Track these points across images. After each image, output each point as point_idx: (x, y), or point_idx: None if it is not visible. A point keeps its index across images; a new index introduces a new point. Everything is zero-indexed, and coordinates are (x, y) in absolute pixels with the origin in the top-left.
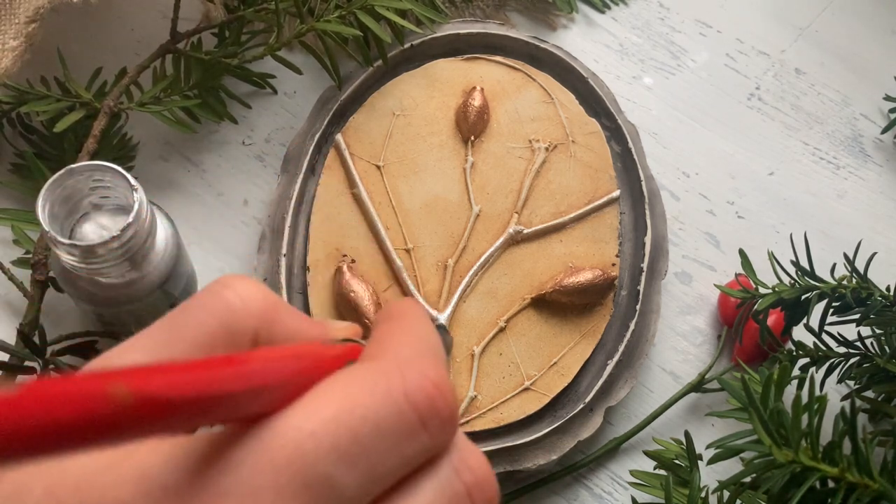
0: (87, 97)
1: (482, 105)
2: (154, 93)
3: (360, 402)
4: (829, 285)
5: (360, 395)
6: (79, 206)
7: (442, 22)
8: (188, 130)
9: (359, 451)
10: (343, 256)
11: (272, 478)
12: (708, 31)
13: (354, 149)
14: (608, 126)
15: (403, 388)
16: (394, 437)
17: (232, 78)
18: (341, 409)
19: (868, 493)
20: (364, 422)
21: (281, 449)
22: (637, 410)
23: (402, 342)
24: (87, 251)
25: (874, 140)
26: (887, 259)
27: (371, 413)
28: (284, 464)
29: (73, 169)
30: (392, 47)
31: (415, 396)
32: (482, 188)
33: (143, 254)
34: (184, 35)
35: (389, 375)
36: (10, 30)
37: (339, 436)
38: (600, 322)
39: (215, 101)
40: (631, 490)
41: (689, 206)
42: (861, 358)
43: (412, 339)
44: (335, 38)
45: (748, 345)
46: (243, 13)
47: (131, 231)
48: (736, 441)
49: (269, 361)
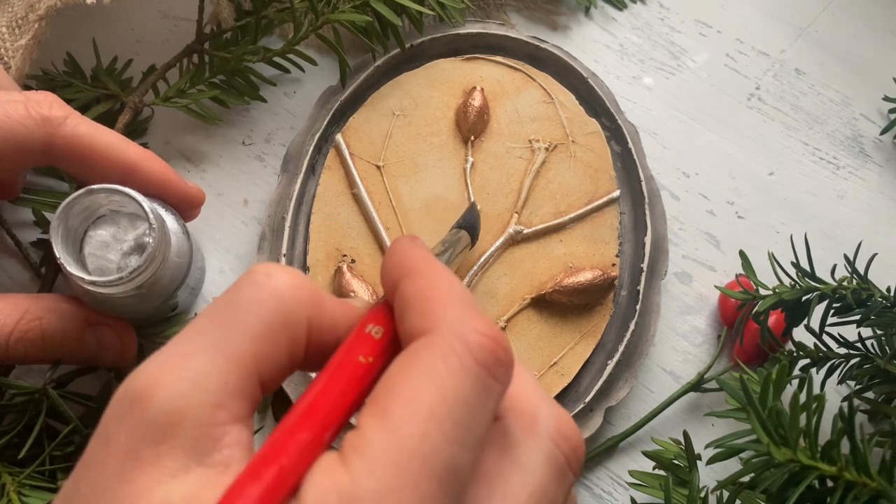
0: (115, 90)
1: (482, 105)
2: (180, 85)
3: (445, 385)
4: (830, 286)
5: (442, 379)
6: (94, 213)
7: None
8: (213, 121)
9: (463, 430)
10: (343, 256)
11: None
12: (708, 31)
13: (354, 149)
14: (608, 126)
15: (471, 355)
16: (481, 401)
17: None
18: (434, 401)
19: (866, 492)
20: (456, 403)
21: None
22: (637, 410)
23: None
24: (96, 284)
25: (874, 140)
26: (888, 259)
27: (458, 392)
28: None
29: (92, 189)
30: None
31: (481, 357)
32: (482, 188)
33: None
34: (209, 35)
35: (454, 347)
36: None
37: (445, 427)
38: (600, 322)
39: (243, 83)
40: (630, 490)
41: (689, 206)
42: (861, 359)
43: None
44: (350, 27)
45: (748, 345)
46: (266, 13)
47: (142, 271)
48: (735, 441)
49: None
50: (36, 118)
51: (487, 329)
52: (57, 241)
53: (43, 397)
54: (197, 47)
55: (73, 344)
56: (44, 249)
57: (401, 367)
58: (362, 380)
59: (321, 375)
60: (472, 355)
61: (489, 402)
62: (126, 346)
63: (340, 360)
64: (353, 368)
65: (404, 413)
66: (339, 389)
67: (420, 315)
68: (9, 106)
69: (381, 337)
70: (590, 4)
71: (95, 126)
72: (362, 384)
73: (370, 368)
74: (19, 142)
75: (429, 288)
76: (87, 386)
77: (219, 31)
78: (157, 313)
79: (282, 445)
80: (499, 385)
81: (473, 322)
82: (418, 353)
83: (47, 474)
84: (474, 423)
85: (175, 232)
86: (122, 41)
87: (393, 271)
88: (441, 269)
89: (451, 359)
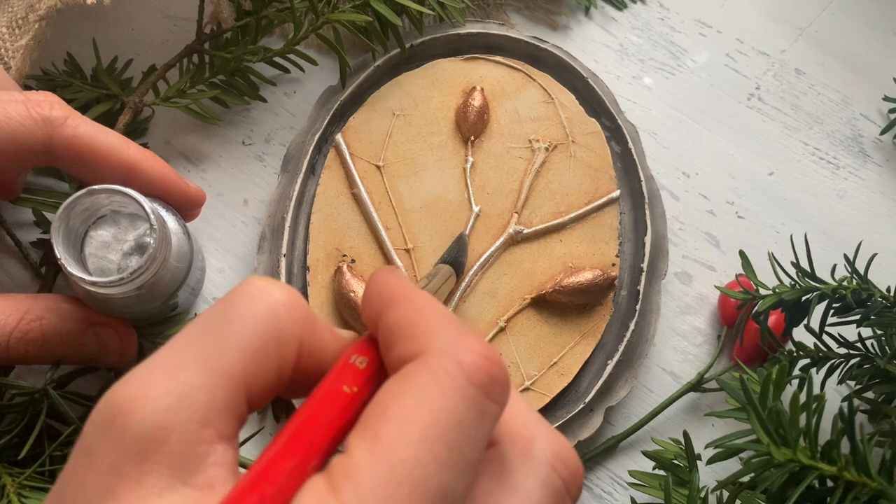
0: (115, 90)
1: (482, 105)
2: (180, 85)
3: (438, 407)
4: (830, 286)
5: (435, 401)
6: (95, 214)
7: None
8: (213, 121)
9: (456, 454)
10: (343, 256)
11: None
12: (708, 31)
13: (354, 149)
14: (608, 126)
15: (464, 375)
16: (475, 424)
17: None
18: (426, 424)
19: (866, 492)
20: (450, 426)
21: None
22: (637, 410)
23: (430, 327)
24: (96, 285)
25: (874, 140)
26: (888, 259)
27: (451, 415)
28: (407, 493)
29: (93, 189)
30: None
31: (476, 377)
32: (482, 188)
33: (155, 280)
34: (209, 35)
35: (447, 368)
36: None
37: (437, 450)
38: (600, 322)
39: (243, 83)
40: (630, 490)
41: (689, 206)
42: (861, 359)
43: (434, 319)
44: (350, 27)
45: (748, 345)
46: (267, 14)
47: (142, 272)
48: (735, 441)
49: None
50: (36, 119)
51: (481, 348)
52: (58, 242)
53: (43, 397)
54: (197, 47)
55: (73, 344)
56: (44, 249)
57: (392, 390)
58: (347, 409)
59: (305, 405)
60: (466, 376)
61: (484, 424)
62: (126, 346)
63: (325, 390)
64: (337, 398)
65: (395, 436)
66: (324, 418)
67: (409, 340)
68: (9, 106)
69: (365, 367)
70: (590, 4)
71: (96, 126)
72: (347, 413)
73: (355, 398)
74: (20, 142)
75: (415, 313)
76: (87, 386)
77: (219, 31)
78: (158, 313)
79: (265, 473)
80: (494, 405)
81: (466, 341)
82: (410, 376)
83: (47, 475)
84: (468, 446)
85: (176, 232)
86: (122, 41)
87: (374, 302)
88: (425, 295)
89: (445, 380)
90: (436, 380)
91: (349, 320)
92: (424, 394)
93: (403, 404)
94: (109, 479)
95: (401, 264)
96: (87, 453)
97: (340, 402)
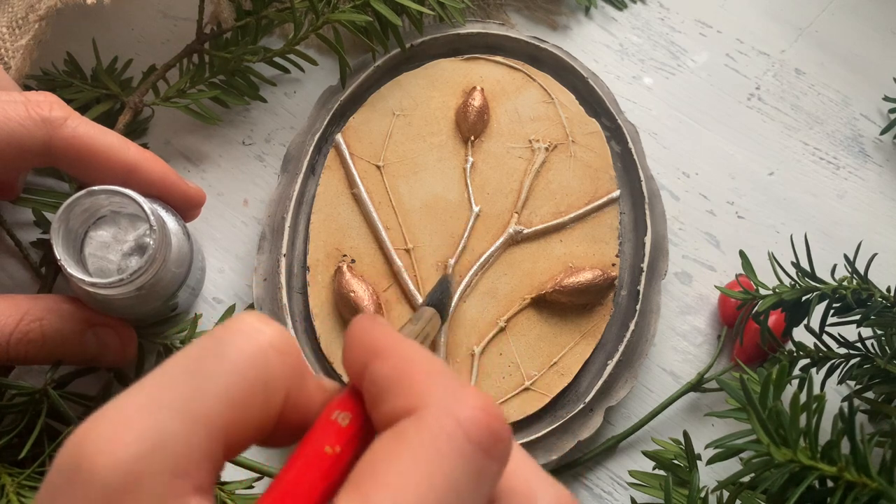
0: (115, 90)
1: (482, 105)
2: (180, 85)
3: (433, 470)
4: (830, 286)
5: (431, 464)
6: (95, 214)
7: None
8: (213, 121)
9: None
10: (343, 256)
11: None
12: (708, 31)
13: (354, 149)
14: (608, 126)
15: (463, 433)
16: (475, 487)
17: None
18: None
19: (866, 492)
20: (447, 490)
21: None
22: (637, 410)
23: (423, 380)
24: (96, 285)
25: (874, 140)
26: (888, 259)
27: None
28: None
29: (93, 190)
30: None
31: (475, 435)
32: (482, 188)
33: (155, 281)
34: (209, 35)
35: (444, 427)
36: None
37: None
38: (600, 322)
39: (243, 83)
40: (630, 490)
41: (689, 206)
42: (861, 359)
43: (427, 371)
44: (350, 27)
45: (748, 345)
46: (267, 14)
47: (142, 272)
48: (735, 441)
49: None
50: (36, 119)
51: (480, 402)
52: (57, 242)
53: (43, 398)
54: (197, 47)
55: (73, 345)
56: (44, 249)
57: (384, 449)
58: (329, 473)
59: (284, 470)
60: (465, 433)
61: (483, 486)
62: (126, 346)
63: (305, 453)
64: (318, 461)
65: (387, 501)
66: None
67: (401, 395)
68: (9, 107)
69: (348, 424)
70: (590, 4)
71: (96, 127)
72: (329, 478)
73: (338, 459)
74: (19, 143)
75: (405, 365)
76: (87, 386)
77: (219, 31)
78: (158, 314)
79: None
80: (495, 464)
81: (464, 395)
82: (405, 434)
83: None
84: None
85: (175, 232)
86: (122, 41)
87: (358, 354)
88: (412, 345)
89: (442, 440)
90: (433, 440)
91: (349, 320)
92: (420, 456)
93: (397, 467)
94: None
95: (401, 264)
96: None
97: (322, 467)
